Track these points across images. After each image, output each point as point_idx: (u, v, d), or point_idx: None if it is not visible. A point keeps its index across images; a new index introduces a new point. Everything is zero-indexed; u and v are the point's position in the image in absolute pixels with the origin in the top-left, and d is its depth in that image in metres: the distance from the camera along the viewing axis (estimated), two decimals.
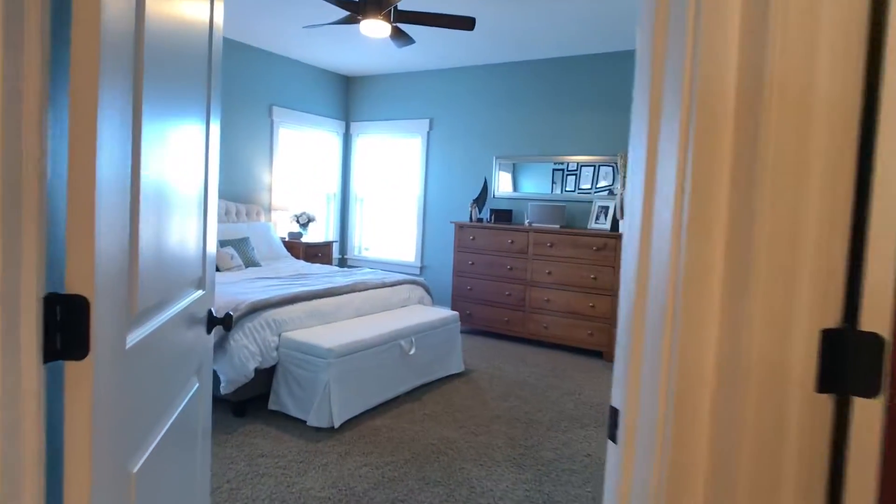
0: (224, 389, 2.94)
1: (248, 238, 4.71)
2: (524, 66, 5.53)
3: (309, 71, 6.06)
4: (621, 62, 5.08)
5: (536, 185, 5.51)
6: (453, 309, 5.42)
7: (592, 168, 5.27)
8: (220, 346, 2.93)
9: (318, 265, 4.83)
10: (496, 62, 5.64)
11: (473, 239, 5.30)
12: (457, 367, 4.04)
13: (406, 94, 6.21)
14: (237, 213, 5.19)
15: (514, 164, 5.61)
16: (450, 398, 3.61)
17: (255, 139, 5.50)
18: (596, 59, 5.19)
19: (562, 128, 5.38)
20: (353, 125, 6.56)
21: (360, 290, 3.78)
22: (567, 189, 5.38)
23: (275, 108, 5.65)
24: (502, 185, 5.68)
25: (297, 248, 5.42)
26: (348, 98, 6.61)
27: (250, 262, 4.54)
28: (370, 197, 6.52)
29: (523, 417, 3.38)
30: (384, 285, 4.03)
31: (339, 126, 6.49)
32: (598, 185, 5.25)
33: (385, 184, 6.41)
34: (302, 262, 4.96)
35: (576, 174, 5.34)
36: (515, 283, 5.10)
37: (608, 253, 4.70)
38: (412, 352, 3.52)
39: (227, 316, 1.43)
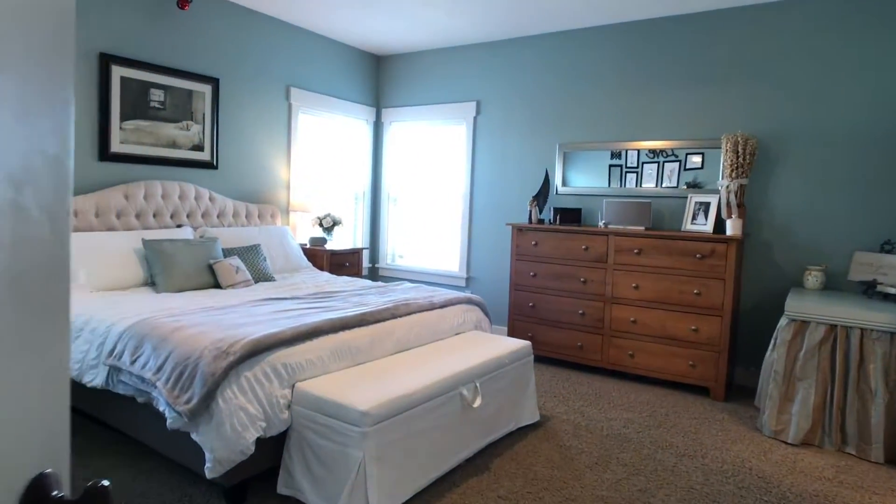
0: (211, 472, 1.98)
1: (258, 246, 3.78)
2: (593, 34, 4.51)
3: (333, 47, 5.13)
4: (719, 22, 4.03)
5: (609, 178, 4.47)
6: (512, 332, 4.42)
7: (680, 157, 4.21)
8: (205, 406, 1.98)
9: (345, 278, 3.87)
10: (557, 30, 4.64)
11: (536, 245, 4.29)
12: (531, 415, 3.03)
13: (447, 73, 5.24)
14: (247, 216, 4.28)
15: (580, 154, 4.59)
16: (529, 466, 2.60)
17: (270, 126, 4.58)
18: (685, 20, 4.15)
19: (641, 108, 4.34)
20: (385, 112, 5.61)
21: (401, 315, 2.81)
22: (644, 183, 4.33)
23: (293, 90, 4.73)
24: (567, 178, 4.66)
25: (320, 256, 4.48)
26: (379, 80, 5.67)
27: (261, 276, 3.60)
28: (405, 196, 5.56)
29: (639, 499, 2.36)
30: (433, 307, 3.05)
31: (368, 112, 5.55)
32: (686, 177, 4.19)
33: (423, 180, 5.44)
34: (326, 275, 4.01)
35: (657, 164, 4.29)
36: (591, 300, 4.08)
37: (716, 261, 3.65)
38: (478, 403, 2.53)
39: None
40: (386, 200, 5.64)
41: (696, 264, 3.71)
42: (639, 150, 4.34)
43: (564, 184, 4.67)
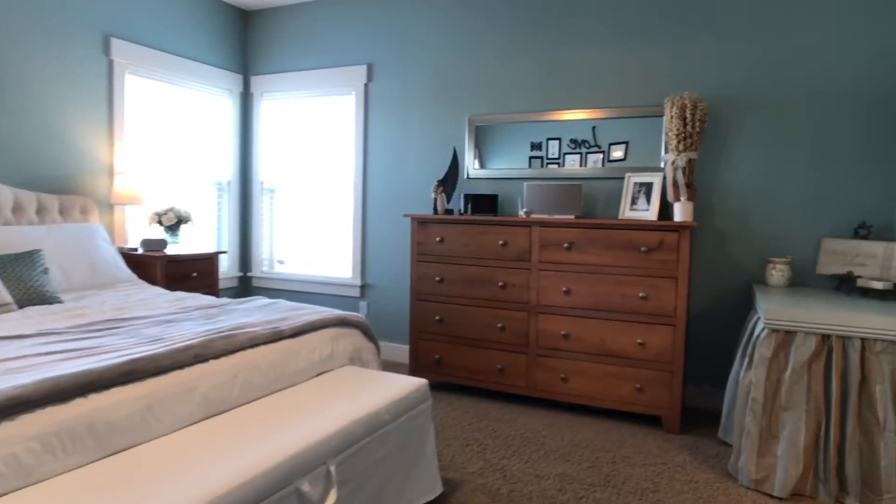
0: None
1: (36, 253, 2.61)
2: None
3: None
4: None
5: (517, 160, 3.62)
6: (415, 356, 3.46)
7: (603, 147, 3.43)
8: None
9: (177, 295, 2.78)
10: None
11: (441, 241, 3.36)
12: (429, 489, 2.08)
13: (331, 31, 4.22)
14: (39, 210, 3.07)
15: (495, 129, 3.71)
16: None
17: (78, 89, 3.38)
18: None
19: (565, 72, 3.52)
20: (256, 80, 4.51)
21: (213, 357, 1.77)
22: (566, 161, 3.52)
23: (116, 43, 3.55)
24: (480, 159, 3.77)
25: (153, 264, 3.33)
26: (247, 40, 4.55)
27: (34, 297, 2.44)
28: (284, 186, 4.48)
29: None
30: (278, 337, 2.03)
31: (232, 81, 4.42)
32: (614, 156, 3.41)
33: (306, 166, 4.39)
34: (153, 292, 2.89)
35: (579, 154, 3.48)
36: (513, 309, 3.19)
37: (665, 255, 2.86)
38: (332, 501, 1.54)
39: None
40: (259, 192, 4.54)
41: (642, 260, 2.91)
42: (560, 141, 3.52)
43: (482, 165, 3.76)
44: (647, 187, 3.21)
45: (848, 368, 2.23)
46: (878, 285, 2.63)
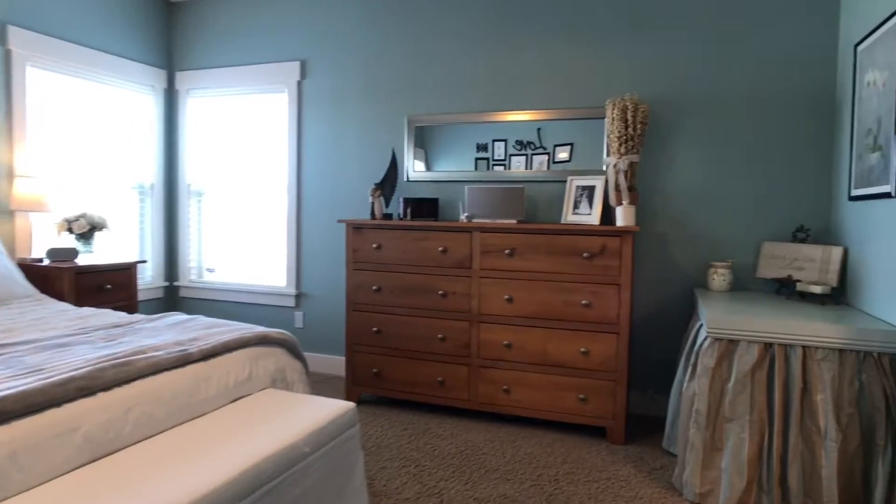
0: None
1: None
2: None
3: None
4: None
5: (463, 162, 3.50)
6: (351, 369, 3.27)
7: (549, 148, 3.34)
8: None
9: (85, 311, 2.51)
10: None
11: (378, 248, 3.19)
12: None
13: (263, 25, 3.98)
14: None
15: (437, 130, 3.57)
16: None
17: None
18: None
19: (509, 70, 3.41)
20: (181, 77, 4.22)
21: (103, 389, 1.55)
22: (512, 162, 3.42)
23: (14, 31, 3.22)
24: (426, 161, 3.61)
25: (59, 277, 3.03)
26: (171, 33, 4.25)
27: None
28: (214, 189, 4.20)
29: None
30: (185, 361, 1.82)
31: (155, 76, 4.12)
32: (559, 157, 3.33)
33: (237, 168, 4.13)
34: (56, 308, 2.60)
35: (525, 156, 3.39)
36: (454, 319, 3.05)
37: (608, 261, 2.77)
38: None
39: None
40: (186, 195, 4.25)
41: (584, 266, 2.81)
42: (506, 142, 3.41)
43: (427, 167, 3.61)
44: (590, 191, 3.13)
45: (790, 377, 2.19)
46: (817, 289, 2.61)
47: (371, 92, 3.70)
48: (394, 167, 3.50)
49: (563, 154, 3.34)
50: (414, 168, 3.60)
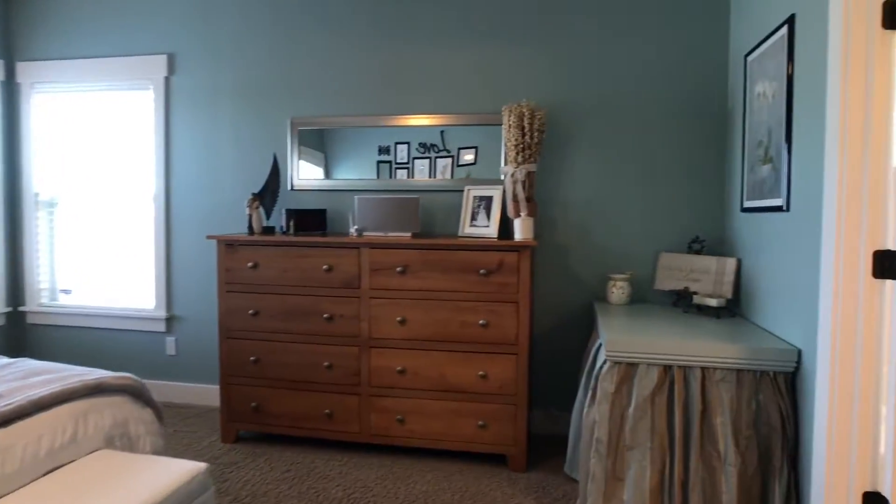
0: None
1: None
2: None
3: None
4: None
5: (366, 167, 3.23)
6: (227, 404, 2.89)
7: (452, 151, 3.15)
8: None
9: None
10: None
11: (255, 266, 2.84)
12: None
13: (123, 11, 3.49)
14: None
15: (337, 134, 3.26)
16: None
17: None
18: None
19: (405, 70, 3.17)
20: (23, 68, 3.63)
21: None
22: (417, 176, 3.19)
23: None
24: (306, 169, 3.29)
25: None
26: (9, 18, 3.66)
27: None
28: (67, 198, 3.65)
29: None
30: None
31: None
32: (459, 174, 3.14)
33: (94, 174, 3.60)
34: None
35: (428, 159, 3.18)
36: (342, 344, 2.76)
37: (505, 278, 2.59)
38: None
39: None
40: (33, 205, 3.66)
41: (481, 283, 2.62)
42: (409, 145, 3.17)
43: (326, 174, 3.28)
44: (487, 202, 2.95)
45: (690, 400, 2.09)
46: (713, 302, 2.56)
47: (251, 90, 3.33)
48: (275, 174, 3.16)
49: (468, 156, 3.14)
50: (299, 175, 3.27)
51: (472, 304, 2.62)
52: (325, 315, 2.75)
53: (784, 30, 2.12)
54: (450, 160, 3.17)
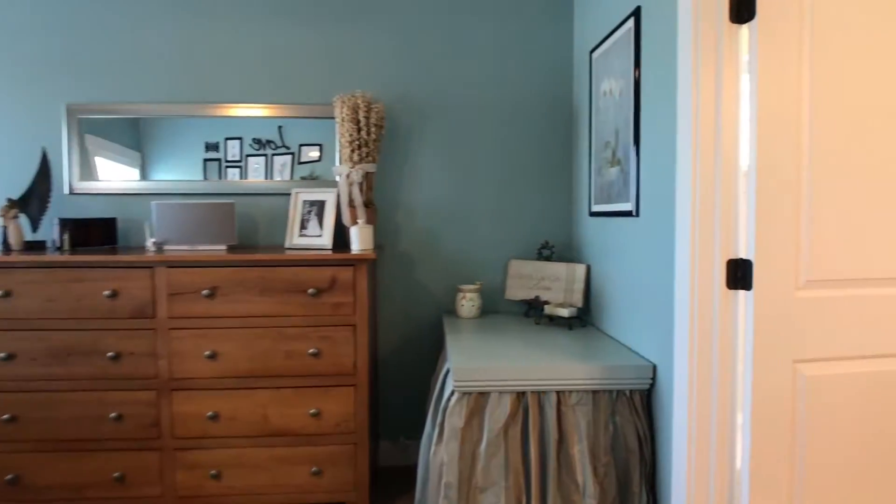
0: None
1: None
2: None
3: None
4: None
5: (191, 166, 2.67)
6: None
7: (293, 148, 2.71)
8: None
9: None
10: None
11: (7, 295, 2.16)
12: None
13: None
14: None
15: (141, 127, 2.63)
16: None
17: None
18: None
19: (219, 50, 2.65)
20: None
21: None
22: (249, 166, 2.71)
23: None
24: (108, 168, 2.64)
25: None
26: None
27: None
28: None
29: None
30: None
31: None
32: (301, 171, 2.72)
33: None
34: None
35: (265, 157, 2.71)
36: (133, 389, 2.19)
37: (340, 297, 2.21)
38: None
39: None
40: None
41: (311, 305, 2.21)
42: (241, 141, 2.66)
43: (143, 176, 2.62)
44: (320, 207, 2.54)
45: (545, 429, 1.87)
46: (564, 312, 2.40)
47: (8, 67, 2.60)
48: (44, 175, 2.48)
49: (313, 153, 2.71)
50: (80, 176, 2.61)
51: (301, 330, 2.20)
52: (109, 354, 2.16)
53: (630, 23, 1.98)
54: (289, 157, 2.72)
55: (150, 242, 2.36)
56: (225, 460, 2.21)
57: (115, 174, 2.63)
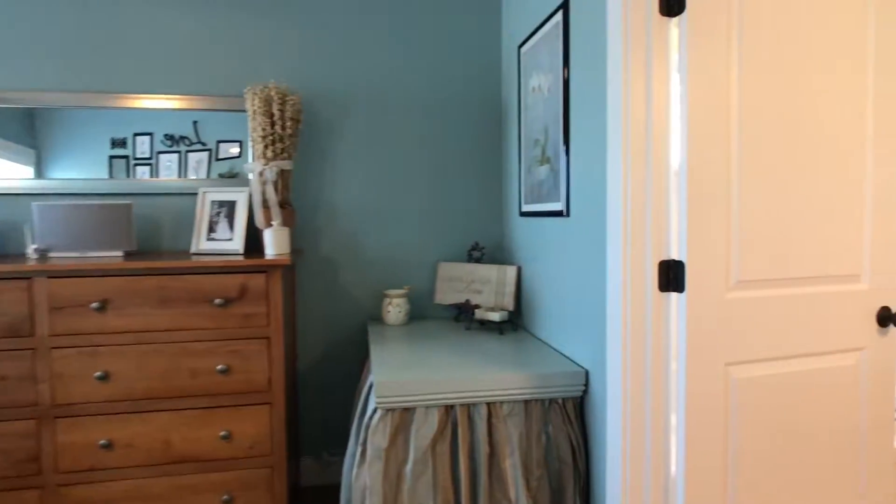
0: None
1: None
2: None
3: None
4: None
5: (96, 164, 2.37)
6: None
7: (210, 145, 2.47)
8: None
9: None
10: None
11: None
12: None
13: None
14: None
15: (35, 120, 2.32)
16: None
17: None
18: None
19: (117, 29, 2.38)
20: None
21: None
22: (161, 161, 2.45)
23: None
24: (38, 163, 2.31)
25: None
26: None
27: None
28: None
29: None
30: None
31: None
32: (219, 168, 2.49)
33: None
34: None
35: (178, 153, 2.46)
36: (6, 419, 1.90)
37: (251, 307, 2.01)
38: None
39: None
40: None
41: (219, 317, 2.00)
42: (152, 137, 2.40)
43: (38, 175, 2.29)
44: (230, 207, 2.33)
45: (475, 443, 1.76)
46: (495, 317, 2.30)
47: None
48: None
49: (233, 149, 2.48)
50: None
51: (207, 344, 1.99)
52: None
53: (558, 17, 1.90)
54: (206, 154, 2.48)
55: (31, 249, 2.07)
56: (120, 494, 1.96)
57: (7, 172, 2.31)
